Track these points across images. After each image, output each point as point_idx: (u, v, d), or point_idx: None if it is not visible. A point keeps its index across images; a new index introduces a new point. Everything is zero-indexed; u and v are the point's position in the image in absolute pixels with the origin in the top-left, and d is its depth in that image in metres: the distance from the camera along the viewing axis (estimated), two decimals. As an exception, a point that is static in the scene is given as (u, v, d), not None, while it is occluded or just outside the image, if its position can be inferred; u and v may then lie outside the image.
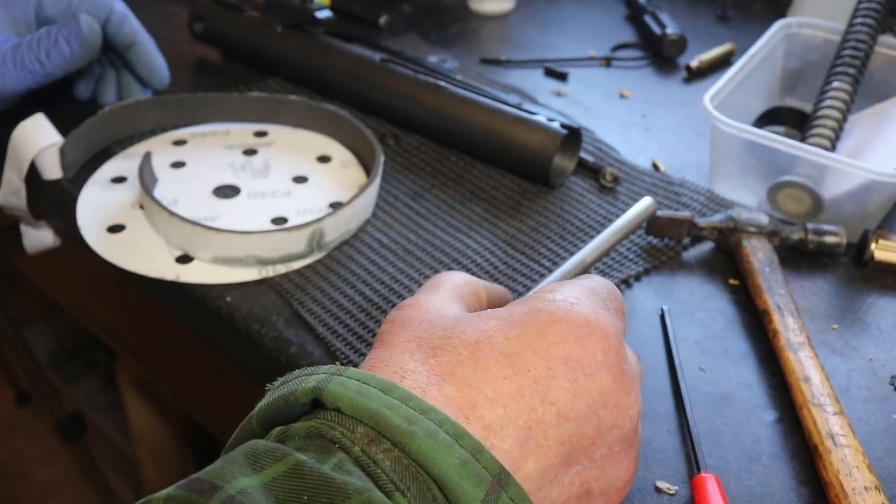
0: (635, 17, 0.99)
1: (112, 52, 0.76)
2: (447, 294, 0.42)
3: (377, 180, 0.65)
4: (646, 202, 0.58)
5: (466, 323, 0.38)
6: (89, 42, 0.68)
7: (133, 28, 0.73)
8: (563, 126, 0.68)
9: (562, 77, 0.87)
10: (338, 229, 0.62)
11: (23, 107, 0.72)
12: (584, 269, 0.52)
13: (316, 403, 0.34)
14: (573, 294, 0.40)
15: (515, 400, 0.35)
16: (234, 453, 0.32)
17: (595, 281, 0.43)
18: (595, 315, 0.38)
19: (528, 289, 0.60)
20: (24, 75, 0.67)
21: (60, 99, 0.77)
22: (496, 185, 0.70)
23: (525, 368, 0.36)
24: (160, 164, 0.69)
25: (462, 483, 0.31)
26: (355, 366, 0.53)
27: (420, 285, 0.59)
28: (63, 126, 0.69)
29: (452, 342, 0.37)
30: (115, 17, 0.72)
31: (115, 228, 0.63)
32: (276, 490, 0.30)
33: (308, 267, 0.61)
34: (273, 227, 0.63)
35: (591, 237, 0.65)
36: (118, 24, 0.72)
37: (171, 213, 0.60)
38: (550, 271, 0.61)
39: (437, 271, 0.61)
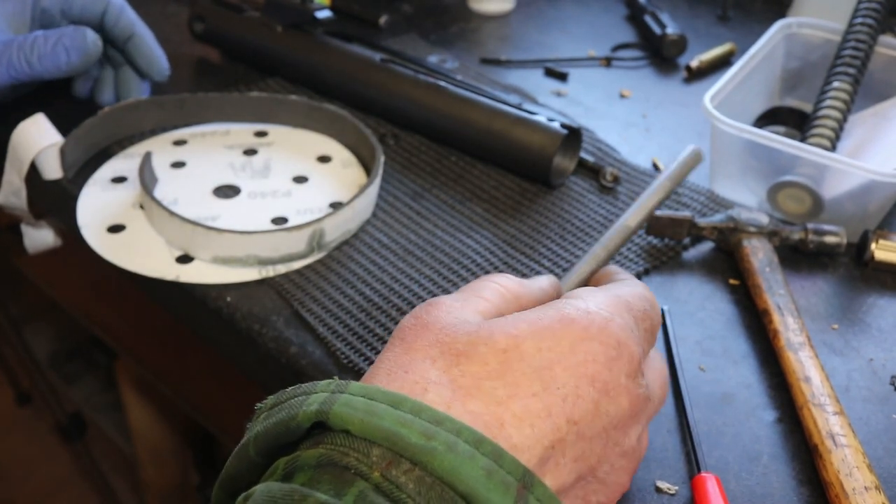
0: (635, 17, 0.99)
1: (110, 47, 0.75)
2: (481, 300, 0.40)
3: (377, 180, 0.65)
4: (689, 151, 0.52)
5: (494, 328, 0.36)
6: (91, 57, 0.68)
7: (131, 20, 0.73)
8: (563, 126, 0.68)
9: (562, 77, 0.87)
10: (338, 229, 0.62)
11: (23, 107, 0.72)
12: (628, 234, 0.49)
13: (318, 423, 0.32)
14: (607, 308, 0.38)
15: (543, 420, 0.34)
16: None
17: (633, 294, 0.41)
18: (625, 337, 0.37)
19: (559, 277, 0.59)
20: (3, 72, 0.66)
21: (60, 99, 0.77)
22: (496, 185, 0.70)
23: (554, 385, 0.34)
24: (160, 164, 0.69)
25: (491, 496, 0.30)
26: (356, 368, 0.53)
27: (420, 285, 0.59)
28: (63, 126, 0.69)
29: (479, 350, 0.35)
30: (113, 9, 0.72)
31: (116, 228, 0.63)
32: None
33: (308, 267, 0.61)
34: (273, 227, 0.63)
35: (592, 237, 0.65)
36: (116, 15, 0.72)
37: (172, 213, 0.60)
38: (551, 271, 0.61)
39: (436, 271, 0.61)
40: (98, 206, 0.65)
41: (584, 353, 0.36)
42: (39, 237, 0.77)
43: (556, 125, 0.68)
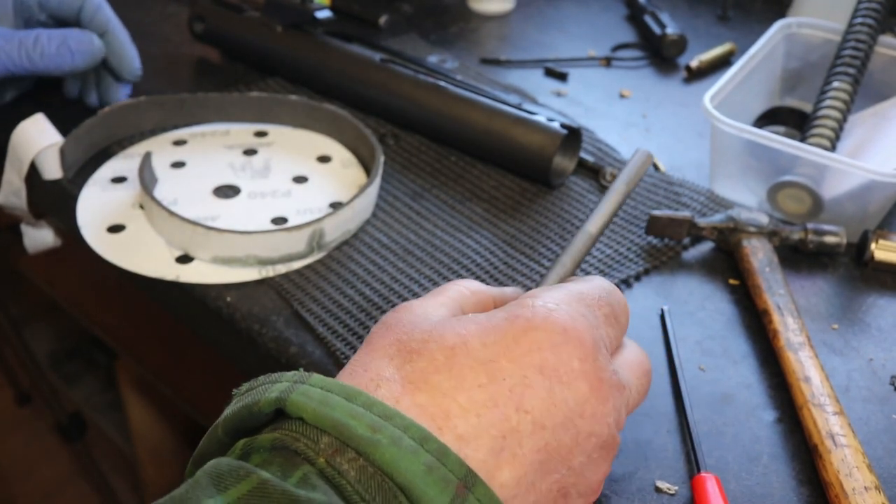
0: (635, 17, 0.99)
1: None
2: (445, 300, 0.42)
3: (377, 180, 0.65)
4: (640, 154, 0.53)
5: (445, 327, 0.38)
6: (96, 60, 0.69)
7: (107, 17, 0.72)
8: (563, 126, 0.68)
9: (562, 77, 0.87)
10: (338, 229, 0.62)
11: (23, 107, 0.72)
12: (592, 242, 0.50)
13: (281, 412, 0.34)
14: (554, 299, 0.39)
15: (489, 409, 0.35)
16: (198, 475, 0.32)
17: (587, 285, 0.42)
18: (572, 322, 0.38)
19: (529, 289, 0.59)
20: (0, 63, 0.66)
21: (60, 99, 0.77)
22: (496, 185, 0.70)
23: (500, 377, 0.35)
24: (160, 164, 0.69)
25: (428, 490, 0.31)
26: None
27: (420, 285, 0.59)
28: (63, 126, 0.69)
29: (429, 346, 0.36)
30: (90, 5, 0.72)
31: (115, 228, 0.63)
32: None
33: (308, 267, 0.61)
34: (273, 227, 0.63)
35: (591, 237, 0.65)
36: (92, 11, 0.72)
37: (172, 213, 0.60)
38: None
39: (436, 271, 0.61)
40: (98, 206, 0.65)
41: (528, 343, 0.36)
42: (39, 237, 0.77)
43: (555, 125, 0.68)
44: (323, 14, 0.79)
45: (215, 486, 0.30)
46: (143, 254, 0.61)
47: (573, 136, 0.70)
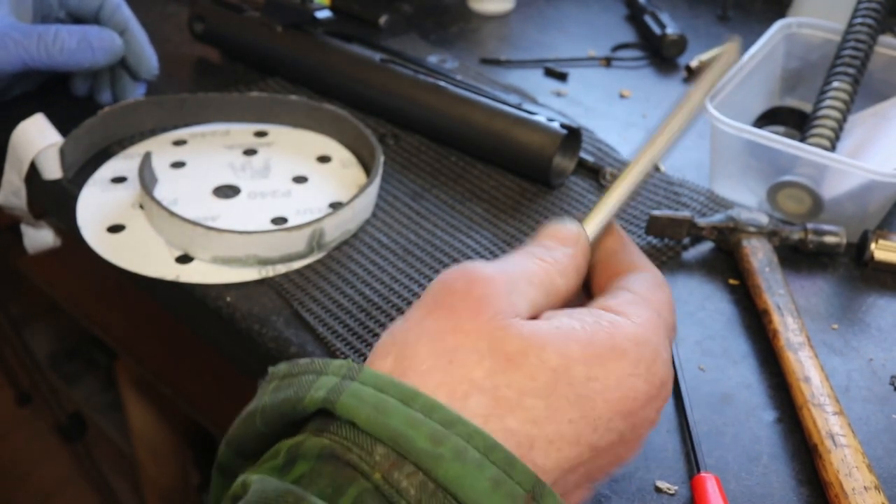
0: (635, 17, 0.99)
1: None
2: (530, 286, 0.37)
3: (377, 180, 0.65)
4: (728, 47, 0.44)
5: (546, 339, 0.34)
6: (116, 58, 0.70)
7: (126, 16, 0.73)
8: (563, 126, 0.68)
9: (562, 77, 0.87)
10: (338, 229, 0.62)
11: (23, 107, 0.72)
12: (652, 168, 0.43)
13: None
14: (654, 333, 0.36)
15: (571, 446, 0.33)
16: None
17: (668, 307, 0.39)
18: (667, 374, 0.36)
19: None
20: (18, 58, 0.66)
21: (60, 99, 0.77)
22: (496, 185, 0.70)
23: (592, 416, 0.33)
24: (160, 164, 0.69)
25: None
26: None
27: (420, 285, 0.59)
28: (63, 126, 0.69)
29: (530, 360, 0.33)
30: (109, 4, 0.72)
31: (115, 228, 0.63)
32: None
33: (308, 267, 0.61)
34: (273, 227, 0.63)
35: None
36: (112, 10, 0.72)
37: (171, 213, 0.60)
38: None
39: (437, 271, 0.61)
40: (98, 206, 0.65)
41: (628, 390, 0.35)
42: (39, 237, 0.77)
43: (555, 125, 0.68)
44: (323, 14, 0.79)
45: None
46: (143, 254, 0.61)
47: (573, 136, 0.70)
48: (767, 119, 0.78)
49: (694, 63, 0.89)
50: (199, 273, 0.59)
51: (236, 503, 0.30)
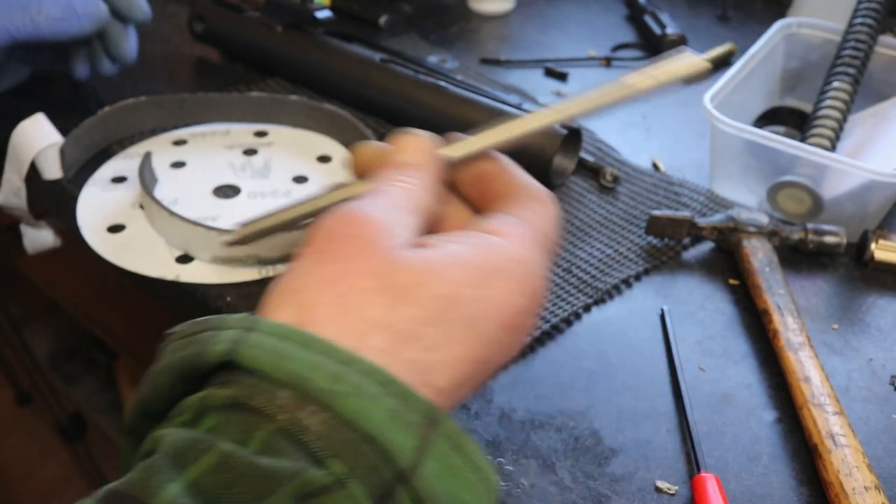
0: (635, 17, 0.99)
1: None
2: (408, 216, 0.37)
3: (377, 180, 0.65)
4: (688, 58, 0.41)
5: (432, 268, 0.35)
6: (102, 24, 0.68)
7: None
8: (563, 126, 0.68)
9: (562, 77, 0.87)
10: (338, 229, 0.62)
11: (23, 107, 0.72)
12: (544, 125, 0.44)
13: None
14: (536, 254, 0.38)
15: (465, 363, 0.35)
16: (156, 458, 0.30)
17: (552, 227, 0.41)
18: (543, 287, 0.38)
19: None
20: (3, 29, 0.65)
21: (60, 99, 0.77)
22: (496, 185, 0.70)
23: (481, 334, 0.35)
24: (160, 164, 0.69)
25: (395, 436, 0.30)
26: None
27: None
28: (63, 126, 0.69)
29: (419, 292, 0.34)
30: None
31: (115, 228, 0.63)
32: (205, 487, 0.28)
33: (308, 267, 0.61)
34: (273, 227, 0.63)
35: (592, 237, 0.65)
36: None
37: (172, 213, 0.60)
38: (550, 271, 0.61)
39: (437, 271, 0.61)
40: (98, 206, 0.65)
41: (510, 307, 0.37)
42: (39, 237, 0.77)
43: (555, 125, 0.68)
44: (323, 14, 0.79)
45: (174, 466, 0.29)
46: (143, 254, 0.61)
47: (573, 136, 0.70)
48: (767, 119, 0.78)
49: (694, 63, 0.89)
50: (199, 273, 0.59)
51: (149, 458, 0.31)
